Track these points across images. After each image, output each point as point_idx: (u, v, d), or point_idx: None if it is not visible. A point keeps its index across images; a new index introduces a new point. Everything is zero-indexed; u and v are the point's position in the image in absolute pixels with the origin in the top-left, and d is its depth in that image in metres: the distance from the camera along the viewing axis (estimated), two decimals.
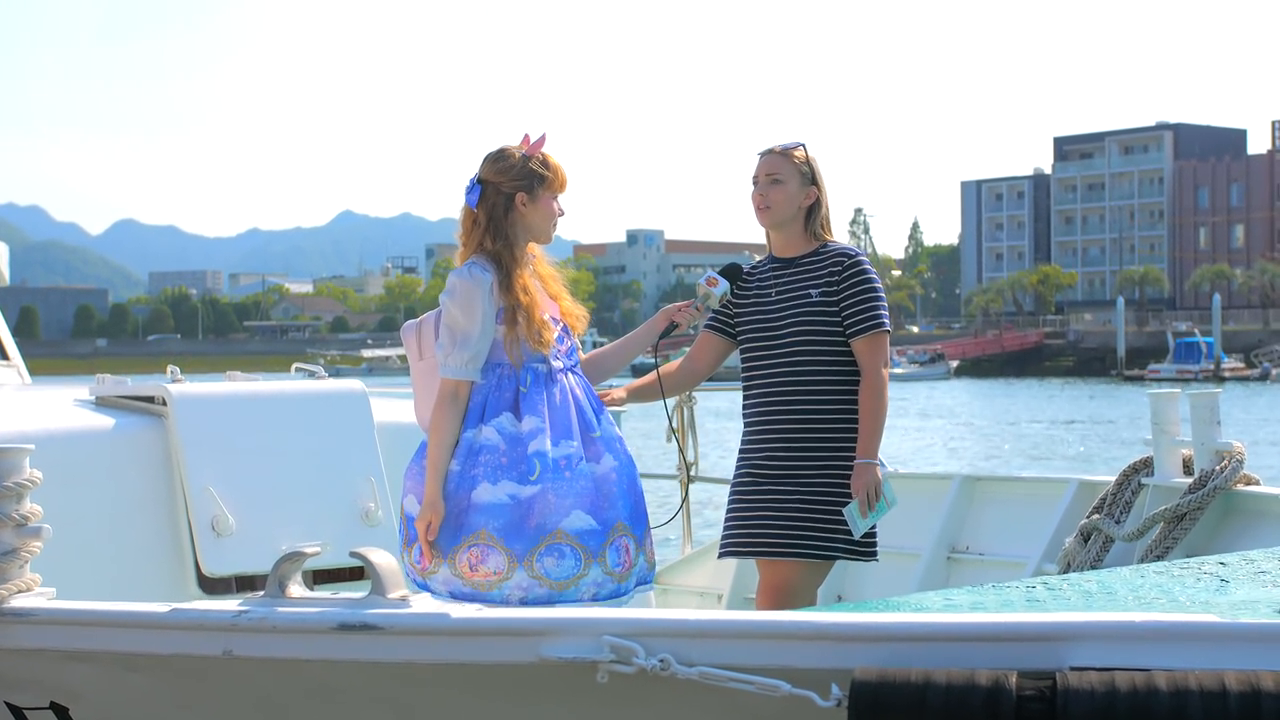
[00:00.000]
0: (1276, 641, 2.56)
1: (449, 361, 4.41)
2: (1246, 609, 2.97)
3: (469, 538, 4.32)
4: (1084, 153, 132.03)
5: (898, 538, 6.91)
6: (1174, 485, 5.72)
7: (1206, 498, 5.45)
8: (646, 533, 4.58)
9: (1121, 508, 5.88)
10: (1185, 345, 74.63)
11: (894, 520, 6.98)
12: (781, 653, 2.76)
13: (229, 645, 3.12)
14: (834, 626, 2.75)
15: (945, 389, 69.70)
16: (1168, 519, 5.51)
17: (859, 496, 4.78)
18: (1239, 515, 5.51)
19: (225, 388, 5.67)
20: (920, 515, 6.92)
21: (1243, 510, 5.50)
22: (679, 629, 2.82)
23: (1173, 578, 3.45)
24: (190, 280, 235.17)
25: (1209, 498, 5.45)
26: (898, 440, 34.92)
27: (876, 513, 4.80)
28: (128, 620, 3.27)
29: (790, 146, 5.01)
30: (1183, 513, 5.48)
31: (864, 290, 4.89)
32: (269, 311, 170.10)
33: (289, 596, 3.16)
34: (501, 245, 4.48)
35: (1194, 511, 5.47)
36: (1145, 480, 5.90)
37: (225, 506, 5.31)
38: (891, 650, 2.70)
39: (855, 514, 4.77)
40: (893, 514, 6.97)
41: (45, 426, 5.27)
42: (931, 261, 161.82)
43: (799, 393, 4.89)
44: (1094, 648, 2.61)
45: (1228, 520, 5.54)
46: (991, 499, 6.86)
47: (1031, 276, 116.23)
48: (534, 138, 4.56)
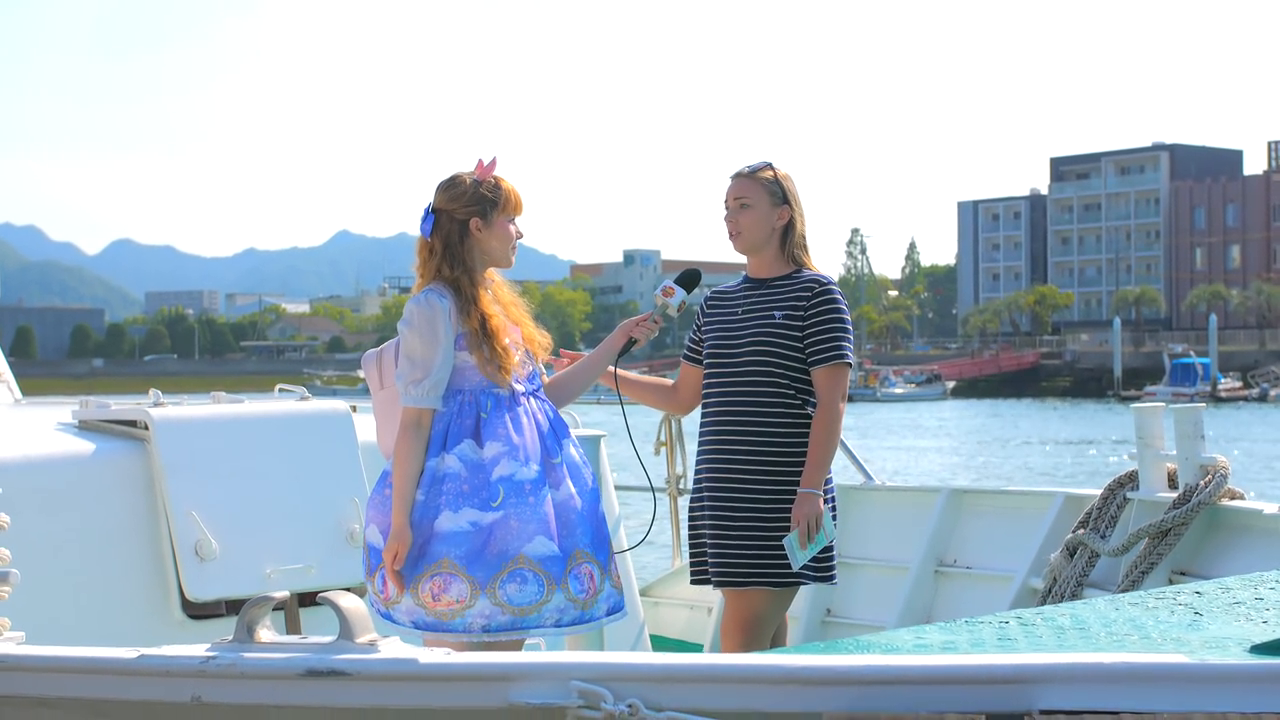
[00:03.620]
0: (1243, 682, 2.58)
1: (410, 390, 4.37)
2: (1216, 647, 2.98)
3: (431, 567, 4.28)
4: (1080, 173, 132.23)
5: (886, 551, 6.94)
6: (1158, 499, 5.73)
7: (1191, 513, 5.47)
8: (611, 559, 4.51)
9: (1107, 522, 5.90)
10: (1181, 366, 74.65)
11: (882, 533, 7.03)
12: (750, 696, 2.77)
13: (197, 692, 3.09)
14: (803, 670, 2.75)
15: (942, 409, 69.70)
16: (1152, 534, 5.53)
17: (799, 527, 4.66)
18: (1223, 530, 5.53)
19: (207, 410, 5.63)
20: (908, 528, 6.93)
21: (1227, 525, 5.52)
22: (646, 673, 2.82)
23: (1147, 610, 3.46)
24: (187, 300, 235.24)
25: (1193, 513, 5.47)
26: (892, 458, 34.93)
27: (815, 545, 4.68)
28: (94, 666, 3.23)
29: (757, 167, 4.91)
30: (1167, 528, 5.50)
31: (831, 320, 4.81)
32: (265, 331, 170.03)
33: (258, 641, 3.12)
34: (460, 272, 4.44)
35: (1178, 527, 5.49)
36: (1130, 494, 5.92)
37: (208, 530, 5.28)
38: (861, 693, 2.70)
39: (794, 545, 4.67)
40: (880, 527, 7.03)
41: (25, 452, 5.24)
42: (928, 282, 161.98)
43: (752, 411, 4.81)
44: (1063, 690, 2.62)
45: (1212, 535, 5.56)
46: (978, 512, 6.87)
47: (1028, 297, 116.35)
48: (486, 162, 4.52)
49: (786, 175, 4.94)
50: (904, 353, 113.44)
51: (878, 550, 6.85)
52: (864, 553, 7.05)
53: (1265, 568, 4.12)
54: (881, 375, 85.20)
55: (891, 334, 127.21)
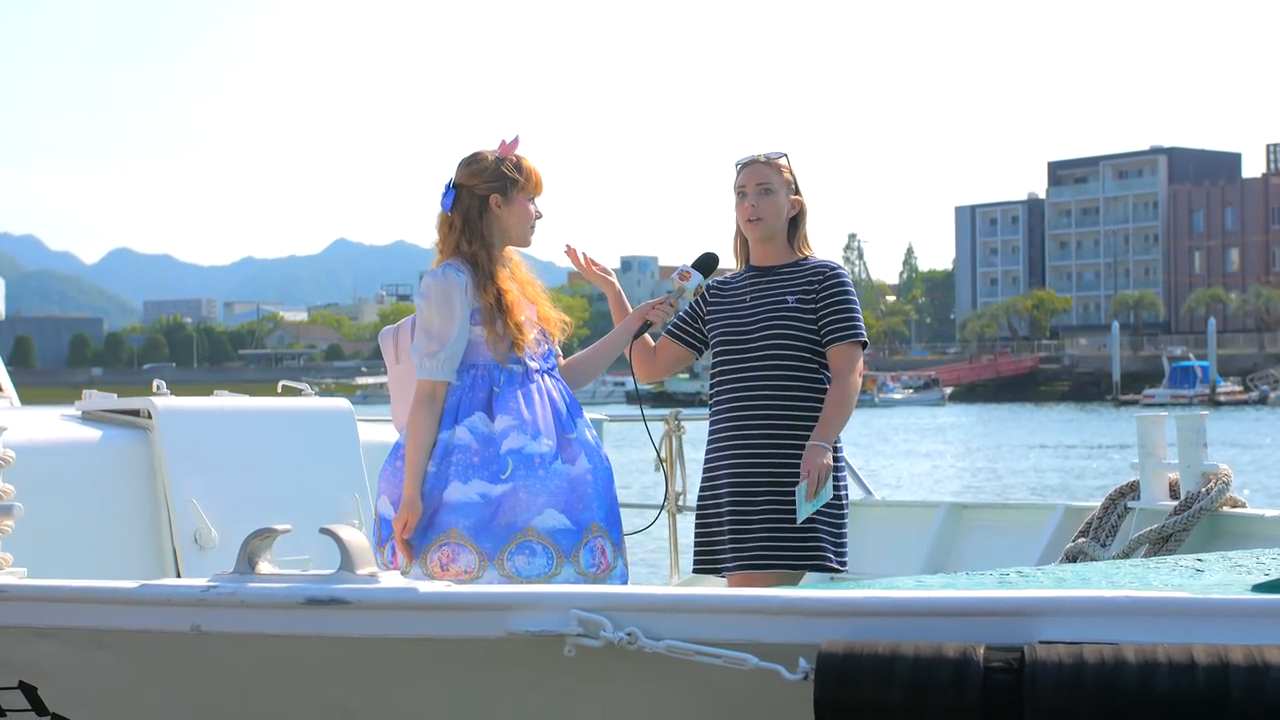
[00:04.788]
0: (1245, 615, 2.58)
1: (425, 363, 4.41)
2: (1219, 590, 2.98)
3: (440, 537, 4.31)
4: (1078, 177, 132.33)
5: (885, 566, 6.89)
6: (1160, 508, 5.70)
7: (1191, 520, 5.44)
8: (623, 539, 4.55)
9: (1107, 531, 5.86)
10: (1180, 370, 74.72)
11: (881, 548, 6.99)
12: (749, 627, 2.78)
13: (197, 621, 3.11)
14: (802, 601, 2.77)
15: (940, 414, 69.70)
16: (1152, 540, 5.49)
17: (808, 479, 4.60)
18: (1225, 537, 5.49)
19: (211, 402, 5.70)
20: (907, 543, 6.92)
21: (1229, 532, 5.48)
22: (647, 603, 2.83)
23: (1148, 569, 3.47)
24: (185, 309, 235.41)
25: (1194, 520, 5.44)
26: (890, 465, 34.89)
27: (819, 499, 4.62)
28: (96, 596, 3.26)
29: (775, 155, 4.98)
30: (1168, 534, 5.46)
31: (843, 301, 4.86)
32: (264, 340, 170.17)
33: (258, 573, 3.13)
34: (478, 247, 4.48)
35: (1179, 533, 5.46)
36: (1131, 504, 5.89)
37: (209, 520, 5.32)
38: (859, 625, 2.71)
39: (801, 497, 4.60)
40: (879, 542, 6.98)
41: (30, 438, 5.24)
42: (926, 286, 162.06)
43: (767, 397, 4.81)
44: (1063, 622, 2.62)
45: (1213, 542, 5.51)
46: (978, 526, 6.86)
47: (1026, 301, 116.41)
48: (509, 140, 4.56)
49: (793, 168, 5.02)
50: (902, 358, 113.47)
51: (877, 565, 6.82)
52: (863, 568, 6.99)
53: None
54: (879, 381, 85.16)
55: (889, 339, 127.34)
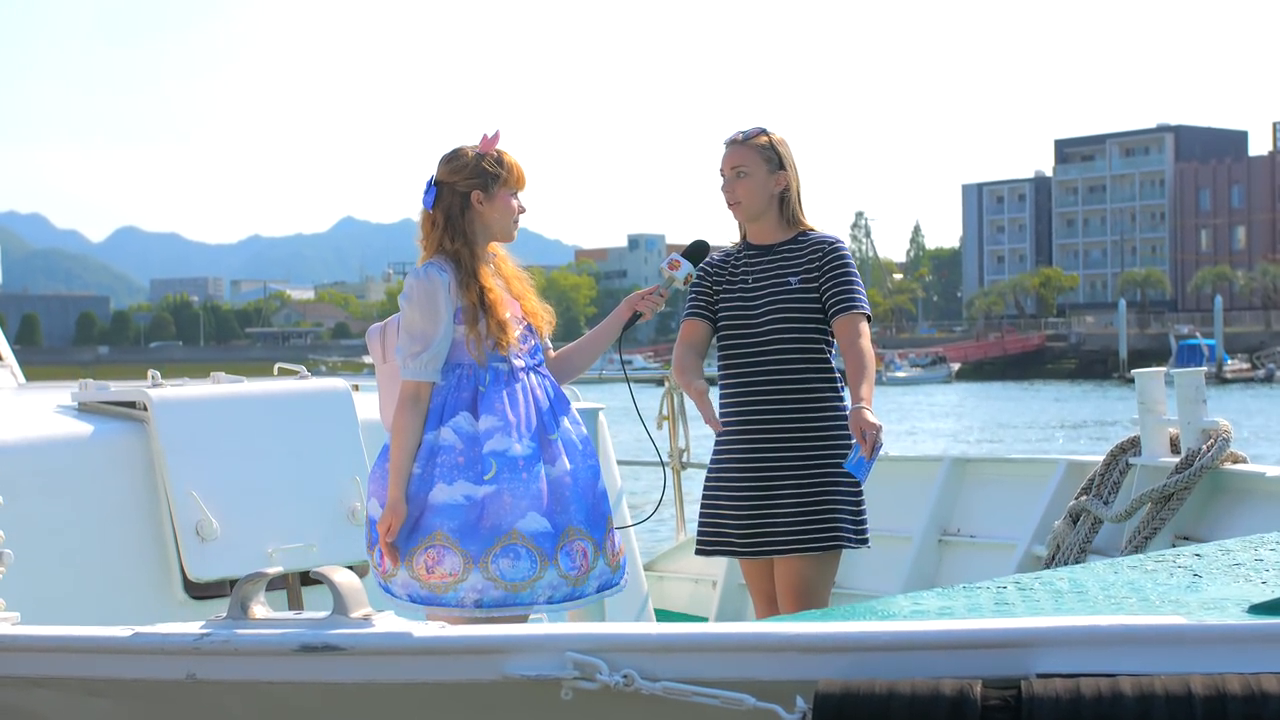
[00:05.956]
0: (1241, 643, 2.55)
1: (409, 364, 4.37)
2: (1215, 608, 2.95)
3: (425, 539, 4.28)
4: (1085, 155, 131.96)
5: (889, 521, 6.94)
6: (1161, 464, 5.73)
7: (1193, 477, 5.47)
8: (608, 535, 4.49)
9: (1109, 488, 5.90)
10: (1187, 348, 74.47)
11: (885, 504, 7.02)
12: (745, 665, 2.75)
13: (192, 669, 3.08)
14: (797, 638, 2.73)
15: (947, 392, 69.63)
16: (1154, 499, 5.53)
17: (863, 440, 4.50)
18: (1226, 494, 5.52)
19: (206, 390, 5.60)
20: (911, 498, 6.94)
21: (1230, 489, 5.51)
22: (642, 644, 2.80)
23: (1145, 573, 3.44)
24: (192, 287, 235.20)
25: (1196, 477, 5.47)
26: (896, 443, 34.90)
27: (873, 460, 4.56)
28: (89, 646, 3.21)
29: (751, 134, 4.88)
30: (1169, 493, 5.50)
31: (845, 275, 4.81)
32: (271, 318, 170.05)
33: (251, 618, 3.10)
34: (461, 244, 4.44)
35: (1181, 492, 5.49)
36: (1133, 460, 5.92)
37: (209, 510, 5.28)
38: (856, 660, 2.68)
39: (860, 459, 4.52)
40: (884, 497, 7.01)
41: (25, 434, 5.25)
42: (933, 265, 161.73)
43: (778, 380, 4.79)
44: (1059, 653, 2.60)
45: (1215, 499, 5.55)
46: (981, 481, 6.88)
47: (1033, 279, 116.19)
48: (490, 135, 4.51)
49: (781, 139, 4.91)
50: (909, 336, 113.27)
51: (881, 521, 6.84)
52: (870, 524, 7.05)
53: (1267, 530, 4.10)
54: (886, 358, 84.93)
55: (896, 317, 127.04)
